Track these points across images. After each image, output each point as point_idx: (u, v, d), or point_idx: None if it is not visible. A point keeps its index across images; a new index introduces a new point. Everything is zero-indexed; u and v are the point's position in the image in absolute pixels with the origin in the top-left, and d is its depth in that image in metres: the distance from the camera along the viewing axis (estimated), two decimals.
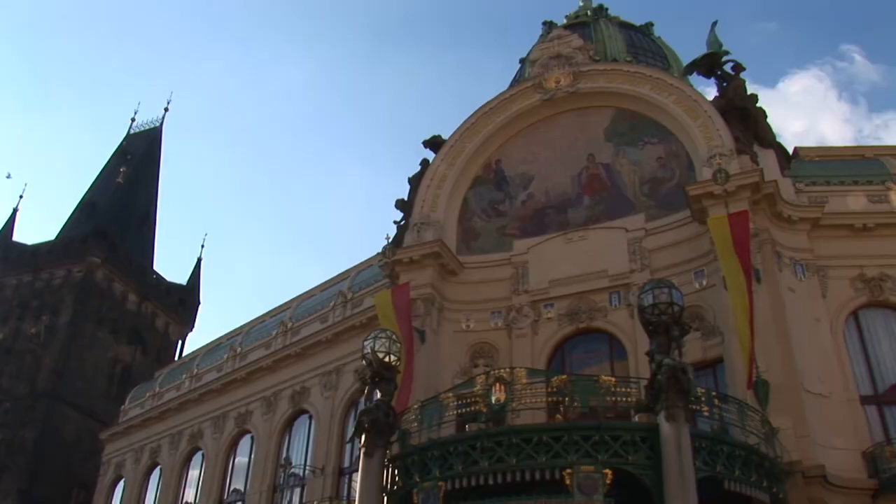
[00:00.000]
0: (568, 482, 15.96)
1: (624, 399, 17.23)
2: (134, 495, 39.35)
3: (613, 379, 17.86)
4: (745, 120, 24.11)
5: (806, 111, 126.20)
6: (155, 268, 67.99)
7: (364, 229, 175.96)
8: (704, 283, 22.22)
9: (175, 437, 37.41)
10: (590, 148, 26.74)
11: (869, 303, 22.41)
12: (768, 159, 23.55)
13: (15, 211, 66.04)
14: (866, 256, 22.59)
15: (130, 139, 74.98)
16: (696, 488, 15.51)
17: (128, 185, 67.68)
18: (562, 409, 17.43)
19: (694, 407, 16.77)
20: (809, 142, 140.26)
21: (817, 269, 22.45)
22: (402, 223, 27.51)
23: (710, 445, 16.76)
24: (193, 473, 35.90)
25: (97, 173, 72.31)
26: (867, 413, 20.95)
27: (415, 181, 28.23)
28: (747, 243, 20.22)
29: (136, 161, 71.37)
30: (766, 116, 25.10)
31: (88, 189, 70.81)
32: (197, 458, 35.97)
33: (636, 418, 17.32)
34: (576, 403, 17.21)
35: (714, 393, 18.50)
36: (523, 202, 27.12)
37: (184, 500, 35.68)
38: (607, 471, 15.97)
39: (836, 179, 24.42)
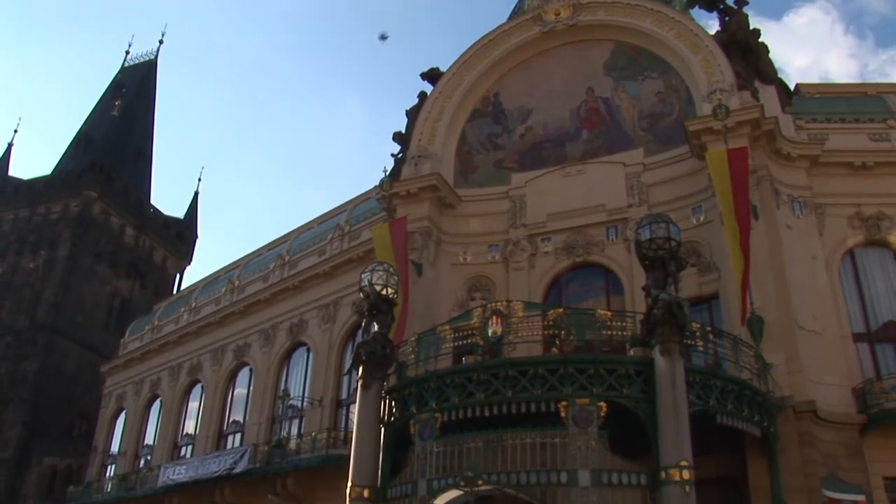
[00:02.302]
0: (563, 414, 16.16)
1: (619, 333, 17.37)
2: (135, 427, 39.88)
3: (609, 313, 18.01)
4: (747, 55, 23.81)
5: (811, 45, 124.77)
6: (152, 202, 68.00)
7: (362, 162, 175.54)
8: (702, 218, 22.19)
9: (174, 370, 37.77)
10: (589, 81, 26.47)
11: (865, 241, 22.40)
12: (769, 95, 23.32)
13: (10, 145, 65.76)
14: (865, 195, 22.51)
15: (125, 72, 74.19)
16: (690, 421, 15.78)
17: (123, 119, 67.20)
18: (558, 342, 17.54)
19: (688, 341, 16.87)
20: (813, 77, 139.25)
21: (815, 206, 22.39)
22: (399, 156, 27.38)
23: (703, 380, 16.96)
24: (193, 405, 36.33)
25: (92, 107, 71.79)
26: (859, 350, 21.12)
27: (412, 114, 28.02)
28: (746, 179, 20.16)
29: (132, 94, 70.73)
30: (768, 51, 24.78)
31: (84, 123, 70.33)
32: (196, 390, 36.37)
33: (631, 352, 17.45)
34: (572, 337, 17.32)
35: (709, 328, 18.65)
36: (521, 135, 26.96)
37: (184, 432, 36.19)
38: (602, 403, 16.17)
39: (837, 117, 24.22)
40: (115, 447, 41.42)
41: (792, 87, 25.99)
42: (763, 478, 18.10)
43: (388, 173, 26.63)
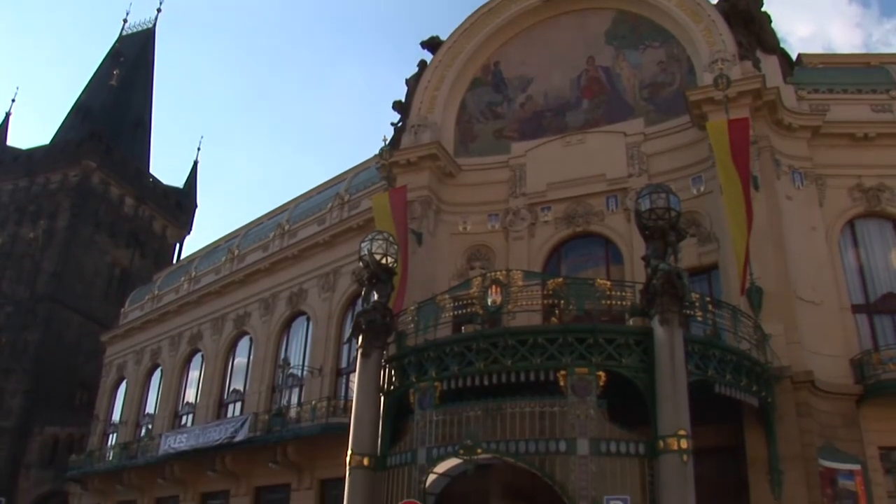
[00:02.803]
0: (562, 384, 16.26)
1: (619, 303, 17.39)
2: (136, 396, 40.08)
3: (609, 283, 17.99)
4: (749, 24, 23.63)
5: (814, 14, 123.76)
6: (151, 171, 67.78)
7: (362, 131, 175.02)
8: (702, 189, 22.14)
9: (175, 339, 37.89)
10: (589, 50, 26.31)
11: (866, 213, 22.35)
12: (771, 65, 23.19)
13: (8, 115, 65.37)
14: (865, 166, 22.43)
15: (123, 41, 73.68)
16: (688, 391, 15.86)
17: (122, 88, 66.85)
18: (557, 311, 17.54)
19: (688, 312, 16.93)
20: (816, 47, 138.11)
21: (816, 177, 22.33)
22: (399, 125, 27.26)
23: (702, 350, 17.02)
24: (194, 374, 36.47)
25: (90, 76, 71.36)
26: (857, 321, 21.16)
27: (412, 83, 27.86)
28: (746, 150, 20.10)
29: (130, 63, 70.29)
30: (770, 21, 24.59)
31: (82, 92, 69.99)
32: (197, 359, 36.50)
33: (630, 322, 17.52)
34: (571, 306, 17.32)
35: (708, 298, 18.68)
36: (521, 104, 26.84)
37: (185, 401, 36.35)
38: (601, 373, 16.26)
39: (839, 87, 24.06)
40: (116, 416, 41.70)
41: (794, 57, 25.82)
42: (760, 447, 18.24)
43: (387, 142, 26.55)
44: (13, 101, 71.90)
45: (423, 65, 28.01)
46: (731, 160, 19.89)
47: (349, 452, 18.57)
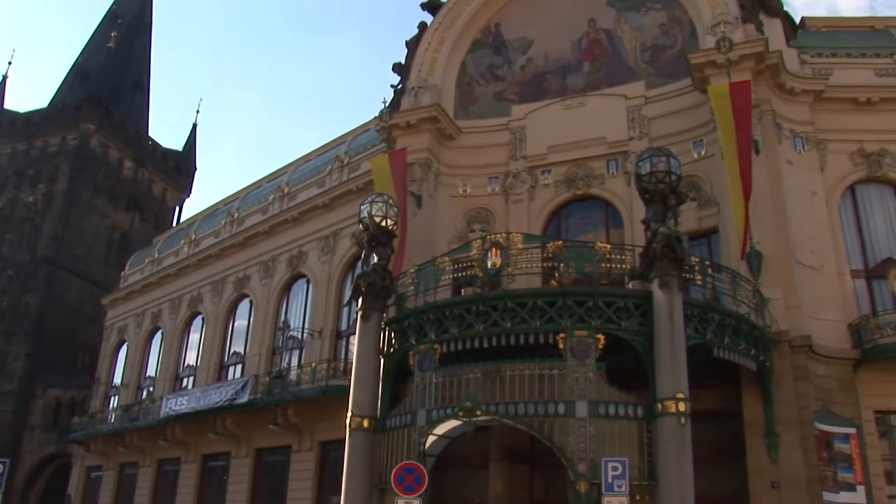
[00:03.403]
0: (561, 346, 16.37)
1: (618, 266, 17.42)
2: (137, 359, 40.32)
3: (608, 246, 17.97)
4: None
5: None
6: (150, 134, 67.33)
7: (362, 93, 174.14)
8: (703, 152, 22.04)
9: (175, 302, 38.00)
10: (591, 13, 26.03)
11: (867, 178, 22.25)
12: (774, 29, 22.97)
13: (4, 78, 64.69)
14: (867, 131, 22.29)
15: (120, 2, 72.78)
16: (686, 354, 15.94)
17: (120, 51, 66.16)
18: (557, 274, 17.58)
19: (687, 275, 17.00)
20: (820, 10, 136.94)
21: (817, 142, 22.22)
22: (399, 87, 27.08)
23: (701, 313, 17.10)
24: (194, 337, 36.64)
25: (88, 38, 70.65)
26: (856, 286, 21.19)
27: (412, 45, 27.63)
28: (748, 114, 20.01)
29: (127, 25, 69.52)
30: None
31: (80, 55, 69.28)
32: (197, 322, 36.64)
33: (630, 285, 17.58)
34: (571, 269, 17.33)
35: (707, 262, 18.70)
36: (522, 67, 26.63)
37: (185, 363, 36.56)
38: (600, 336, 16.36)
39: (842, 51, 23.85)
40: (117, 379, 41.99)
41: (798, 20, 25.57)
42: (757, 411, 18.38)
43: (387, 105, 26.44)
44: (10, 63, 71.45)
45: (423, 27, 27.77)
46: (733, 124, 19.79)
47: (349, 414, 18.72)
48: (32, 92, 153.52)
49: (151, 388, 37.82)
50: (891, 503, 18.97)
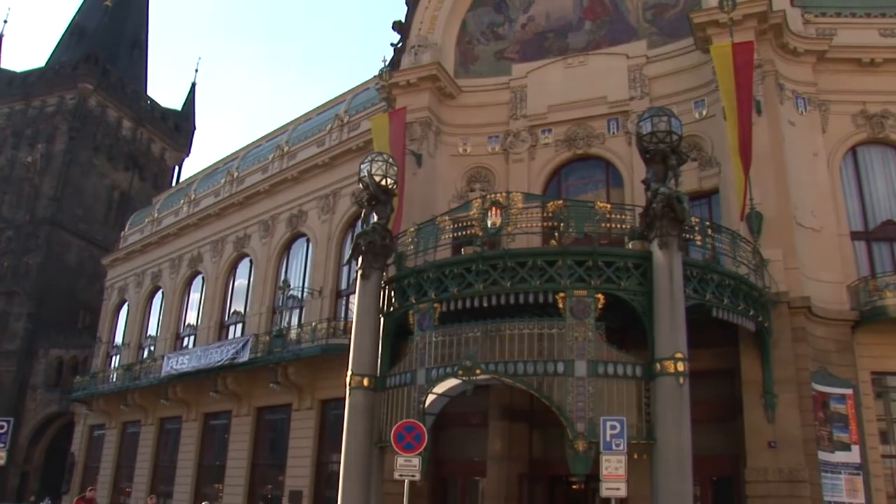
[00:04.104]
0: (560, 306, 16.39)
1: (618, 226, 17.40)
2: (137, 318, 40.48)
3: (609, 206, 17.91)
4: None
5: None
6: (148, 93, 66.92)
7: (361, 52, 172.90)
8: (704, 113, 21.91)
9: (175, 262, 38.05)
10: None
11: (869, 139, 22.14)
12: None
13: (0, 36, 64.13)
14: (871, 92, 22.12)
15: None
16: (685, 315, 15.98)
17: (117, 9, 65.53)
18: (556, 234, 17.56)
19: (687, 236, 16.99)
20: None
21: (819, 103, 22.06)
22: (399, 46, 26.80)
23: (700, 274, 17.11)
24: (194, 296, 36.76)
25: None
26: (856, 248, 21.21)
27: (412, 3, 27.25)
28: (750, 74, 19.83)
29: None
30: None
31: (76, 13, 68.69)
32: (197, 281, 36.73)
33: (630, 245, 17.56)
34: (570, 229, 17.29)
35: (707, 223, 18.69)
36: (523, 25, 26.35)
37: (186, 323, 36.70)
38: (599, 296, 16.37)
39: (847, 11, 23.50)
40: (118, 338, 42.21)
41: None
42: (755, 371, 18.46)
43: (387, 63, 26.24)
44: (5, 22, 70.49)
45: None
46: (734, 84, 19.66)
47: (349, 373, 18.82)
48: (29, 51, 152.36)
49: (152, 348, 38.00)
50: (884, 462, 19.21)
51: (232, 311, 33.59)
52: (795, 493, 17.36)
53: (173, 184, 60.00)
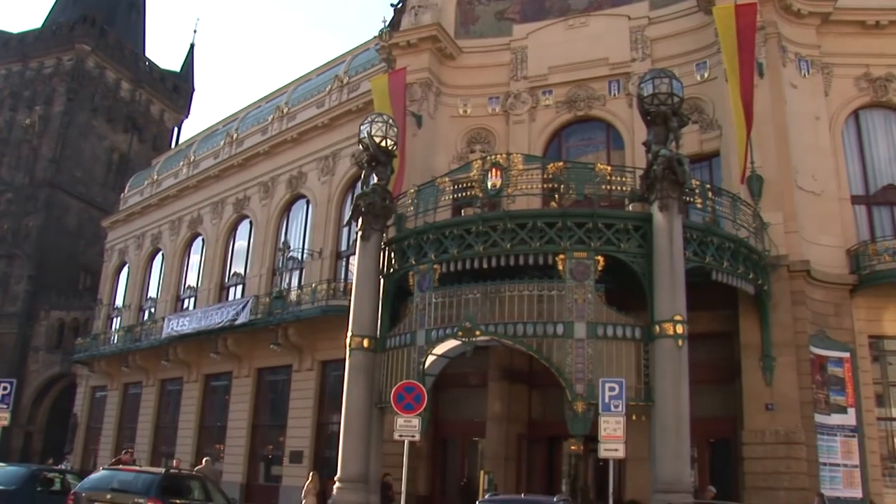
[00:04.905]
0: (560, 267, 16.44)
1: (619, 188, 17.39)
2: (138, 280, 40.52)
3: (609, 168, 17.92)
4: None
5: None
6: (147, 55, 66.36)
7: (362, 12, 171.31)
8: (706, 75, 21.79)
9: (175, 224, 38.01)
10: None
11: (871, 103, 22.02)
12: None
13: None
14: (875, 55, 21.96)
15: None
16: (685, 277, 16.01)
17: None
18: (557, 195, 17.54)
19: (687, 198, 17.02)
20: None
21: (822, 66, 21.90)
22: (399, 6, 26.50)
23: (700, 236, 17.13)
24: (194, 258, 36.76)
25: None
26: (856, 212, 21.21)
27: None
28: (752, 36, 19.70)
29: None
30: None
31: None
32: (197, 243, 36.72)
33: (630, 207, 17.58)
34: (571, 191, 17.27)
35: (708, 186, 18.69)
36: None
37: (186, 284, 36.74)
38: (599, 257, 16.42)
39: None
40: (119, 300, 42.26)
41: None
42: (754, 334, 18.58)
43: (387, 23, 26.00)
44: None
45: None
46: (737, 46, 19.51)
47: (349, 334, 18.90)
48: (25, 11, 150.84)
49: (153, 310, 38.10)
50: (879, 425, 19.41)
51: (232, 272, 33.62)
52: (791, 455, 17.57)
53: (173, 145, 59.71)
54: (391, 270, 19.33)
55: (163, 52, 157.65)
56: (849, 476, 18.33)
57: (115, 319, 41.92)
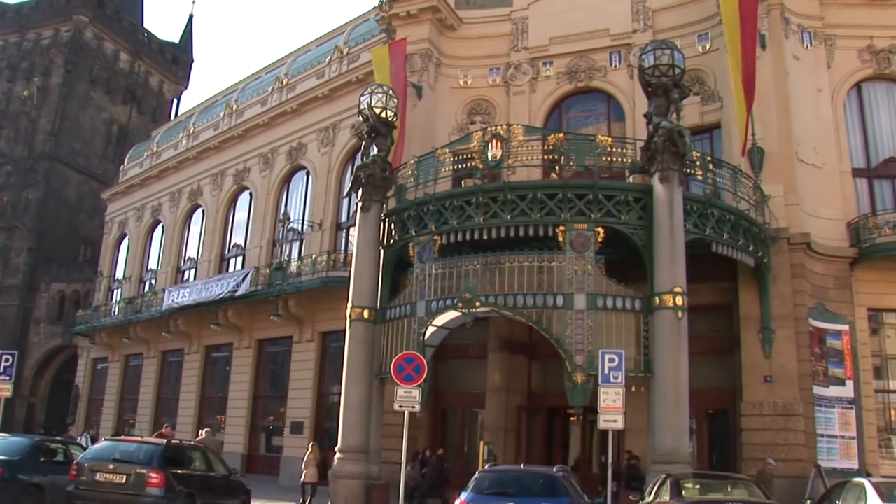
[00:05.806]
0: (560, 239, 16.47)
1: (619, 160, 17.37)
2: (138, 252, 40.55)
3: (610, 139, 17.89)
4: None
5: None
6: (145, 25, 65.91)
7: None
8: (707, 46, 21.64)
9: (175, 195, 37.96)
10: None
11: (874, 75, 21.91)
12: None
13: None
14: (879, 27, 21.79)
15: None
16: (685, 249, 16.04)
17: None
18: (557, 167, 17.55)
19: (688, 170, 16.99)
20: None
21: (825, 37, 21.77)
22: None
23: (701, 208, 17.14)
24: (195, 230, 36.75)
25: None
26: (857, 185, 21.18)
27: None
28: (755, 7, 19.59)
29: None
30: None
31: None
32: (197, 214, 36.70)
33: (630, 179, 17.58)
34: (571, 162, 17.29)
35: (709, 158, 18.68)
36: None
37: (186, 256, 36.77)
38: (599, 229, 16.44)
39: None
40: (119, 272, 42.31)
41: None
42: (753, 306, 18.64)
43: None
44: None
45: None
46: (739, 17, 19.37)
47: (349, 305, 18.96)
48: None
49: (153, 281, 38.15)
50: (877, 397, 19.51)
51: (232, 244, 33.65)
52: (789, 427, 17.69)
53: (172, 117, 59.41)
54: (391, 241, 19.36)
55: (162, 23, 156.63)
56: (845, 447, 18.47)
57: (115, 291, 42.00)
